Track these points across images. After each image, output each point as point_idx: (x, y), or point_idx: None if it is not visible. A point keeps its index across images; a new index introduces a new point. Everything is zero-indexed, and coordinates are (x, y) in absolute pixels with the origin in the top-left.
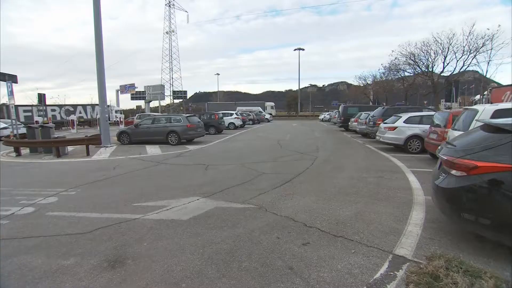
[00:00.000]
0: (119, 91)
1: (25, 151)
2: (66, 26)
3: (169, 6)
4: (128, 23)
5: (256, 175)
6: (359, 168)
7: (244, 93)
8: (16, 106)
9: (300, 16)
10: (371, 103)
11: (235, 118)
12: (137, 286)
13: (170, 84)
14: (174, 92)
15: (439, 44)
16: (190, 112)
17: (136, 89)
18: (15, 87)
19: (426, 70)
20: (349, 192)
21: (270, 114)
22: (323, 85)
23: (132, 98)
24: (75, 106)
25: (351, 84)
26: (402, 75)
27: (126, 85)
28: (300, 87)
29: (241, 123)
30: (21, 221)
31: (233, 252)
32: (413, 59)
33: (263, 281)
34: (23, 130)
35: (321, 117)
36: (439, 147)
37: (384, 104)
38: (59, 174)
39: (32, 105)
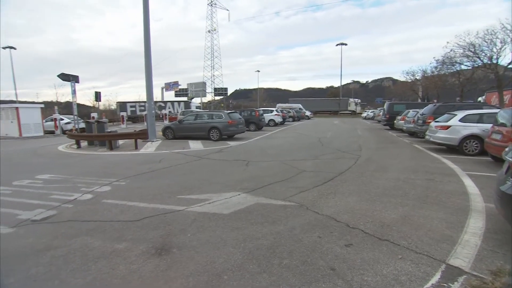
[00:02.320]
0: (164, 89)
1: (83, 143)
2: (117, 29)
3: (211, 5)
4: (172, 24)
5: (297, 173)
6: (406, 169)
7: (284, 90)
8: (125, 103)
9: (341, 9)
10: (419, 100)
11: (275, 115)
12: (181, 274)
13: (212, 81)
14: (215, 89)
15: (508, 31)
16: (230, 109)
17: (180, 87)
18: (76, 86)
19: (489, 62)
20: (395, 194)
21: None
22: (366, 81)
23: (176, 95)
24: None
25: (396, 80)
26: (458, 69)
27: (170, 82)
28: (342, 84)
29: (281, 120)
30: (81, 206)
31: (273, 249)
32: (472, 50)
33: (304, 279)
34: (82, 125)
35: (364, 114)
36: (507, 149)
37: (435, 101)
38: (111, 165)
39: (136, 102)
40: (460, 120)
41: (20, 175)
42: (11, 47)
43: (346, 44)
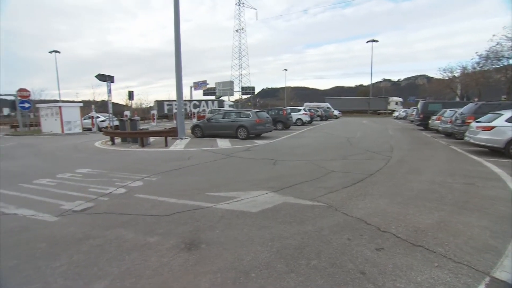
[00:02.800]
0: (193, 88)
1: (117, 140)
2: (148, 31)
3: (239, 4)
4: (200, 24)
5: (325, 173)
6: (442, 171)
7: (312, 88)
8: (162, 101)
9: (371, 5)
10: (458, 99)
11: (302, 114)
12: (209, 270)
13: (239, 80)
14: (242, 88)
15: None
16: (257, 108)
17: (208, 86)
18: (111, 86)
19: None
20: (430, 197)
21: (396, 110)
22: (398, 79)
23: (204, 94)
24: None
25: (431, 77)
26: (505, 63)
27: (199, 82)
28: (372, 82)
29: (309, 119)
30: (116, 200)
31: (301, 249)
32: None
33: (333, 281)
34: (116, 123)
35: (396, 114)
36: None
37: (476, 99)
38: (143, 162)
39: (172, 100)
40: (507, 120)
41: (62, 169)
42: (56, 51)
43: (377, 41)
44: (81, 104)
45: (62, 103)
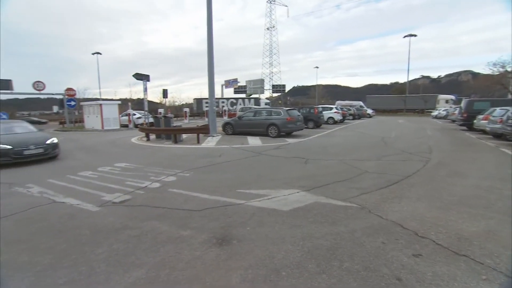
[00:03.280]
0: (224, 86)
1: (152, 136)
2: (181, 31)
3: (270, 2)
4: (231, 23)
5: (358, 173)
6: (489, 176)
7: (344, 86)
8: (201, 99)
9: None
10: (510, 96)
11: (334, 112)
12: (241, 266)
13: (270, 78)
14: (273, 86)
15: None
16: (288, 106)
17: (238, 84)
18: (147, 84)
19: None
20: (475, 204)
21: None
22: (438, 76)
23: (235, 92)
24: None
25: (478, 73)
26: None
27: (230, 80)
28: (409, 79)
29: (341, 118)
30: (151, 193)
31: (333, 250)
32: None
33: (366, 285)
34: (151, 120)
35: (435, 113)
36: None
37: None
38: (176, 158)
39: (219, 98)
40: None
41: (103, 162)
42: (98, 53)
43: (415, 35)
44: (119, 102)
45: (102, 101)
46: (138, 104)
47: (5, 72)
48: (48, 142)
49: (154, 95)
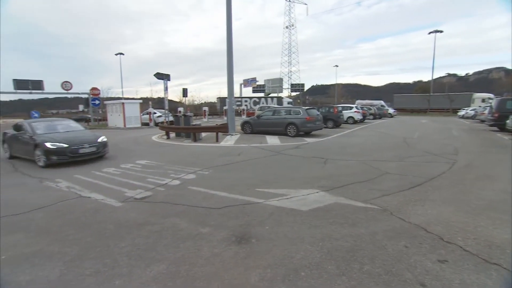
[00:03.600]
0: (242, 85)
1: (172, 134)
2: (201, 31)
3: (289, 0)
4: (250, 22)
5: (379, 174)
6: None
7: (364, 85)
8: (224, 98)
9: None
10: None
11: (354, 112)
12: (259, 264)
13: (288, 77)
14: (292, 85)
15: None
16: (306, 105)
17: (257, 83)
18: (168, 83)
19: None
20: (507, 210)
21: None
22: (466, 74)
23: (253, 91)
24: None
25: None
26: None
27: (248, 79)
28: (434, 77)
29: (361, 117)
30: (171, 190)
31: (353, 252)
32: None
33: None
34: (171, 118)
35: (461, 113)
36: None
37: None
38: (195, 156)
39: (239, 97)
40: None
41: (125, 159)
42: (120, 53)
43: (441, 31)
44: (140, 101)
45: (125, 100)
46: (158, 103)
47: (36, 73)
48: (99, 140)
49: (173, 94)
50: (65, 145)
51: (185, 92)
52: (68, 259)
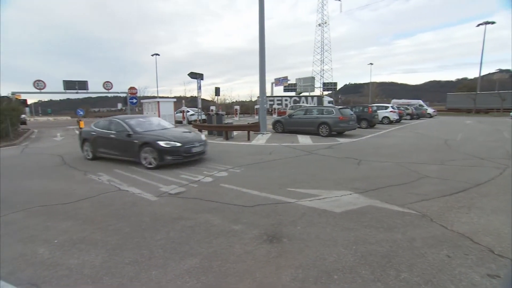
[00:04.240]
0: (274, 84)
1: (204, 132)
2: (233, 31)
3: None
4: (281, 21)
5: (417, 178)
6: None
7: (401, 84)
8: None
9: None
10: None
11: (390, 111)
12: (291, 264)
13: (321, 76)
14: (324, 84)
15: None
16: (339, 104)
17: (288, 82)
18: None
19: None
20: None
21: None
22: None
23: (285, 90)
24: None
25: None
26: None
27: (280, 78)
28: (482, 74)
29: (397, 117)
30: (204, 187)
31: (389, 258)
32: None
33: None
34: (204, 117)
35: None
36: None
37: None
38: (227, 154)
39: (274, 97)
40: None
41: None
42: (156, 54)
43: (493, 23)
44: (174, 100)
45: (160, 98)
46: (191, 101)
47: (81, 74)
48: (203, 138)
49: (206, 93)
50: (179, 144)
51: (217, 91)
52: (110, 247)
